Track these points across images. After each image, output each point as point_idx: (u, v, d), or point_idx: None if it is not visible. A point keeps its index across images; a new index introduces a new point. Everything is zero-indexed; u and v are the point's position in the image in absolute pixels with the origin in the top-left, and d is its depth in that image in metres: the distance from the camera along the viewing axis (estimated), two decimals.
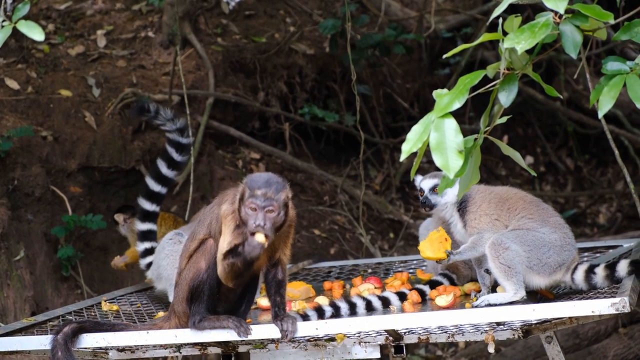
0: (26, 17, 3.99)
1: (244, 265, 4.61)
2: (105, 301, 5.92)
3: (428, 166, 10.42)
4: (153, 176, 6.37)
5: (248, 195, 4.56)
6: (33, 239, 7.93)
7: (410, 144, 3.50)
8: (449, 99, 3.51)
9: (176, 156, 6.34)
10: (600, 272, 4.97)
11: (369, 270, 6.50)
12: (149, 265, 6.30)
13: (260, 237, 4.53)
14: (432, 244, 5.12)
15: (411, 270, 6.24)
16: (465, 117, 10.71)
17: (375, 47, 9.65)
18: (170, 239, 5.96)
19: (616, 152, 5.48)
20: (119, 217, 6.82)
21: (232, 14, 10.29)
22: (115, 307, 5.84)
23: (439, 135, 3.47)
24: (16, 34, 4.04)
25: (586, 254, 6.01)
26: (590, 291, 4.97)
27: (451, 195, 5.22)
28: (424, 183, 5.27)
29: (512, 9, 4.04)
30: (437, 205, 5.24)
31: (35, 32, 3.92)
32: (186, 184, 8.44)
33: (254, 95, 9.82)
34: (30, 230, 7.95)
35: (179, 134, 6.33)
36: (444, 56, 3.78)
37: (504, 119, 3.71)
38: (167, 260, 5.85)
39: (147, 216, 6.39)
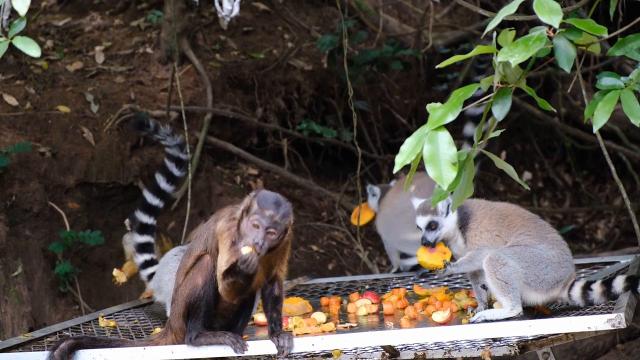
0: (24, 33, 3.99)
1: (246, 280, 4.61)
2: (102, 317, 5.92)
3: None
4: (151, 190, 6.45)
5: (255, 211, 4.56)
6: (31, 255, 7.92)
7: (403, 156, 3.51)
8: (442, 111, 3.52)
9: (175, 171, 6.43)
10: (596, 288, 4.97)
11: (367, 287, 6.49)
12: (151, 276, 6.34)
13: (245, 250, 4.53)
14: (430, 251, 5.12)
15: (408, 286, 6.24)
16: (463, 133, 10.69)
17: (373, 63, 9.65)
18: (175, 255, 5.99)
19: (612, 168, 5.48)
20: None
21: (230, 30, 10.30)
22: (112, 323, 5.84)
23: (432, 148, 3.48)
24: (14, 50, 4.04)
25: (583, 270, 6.02)
26: (587, 307, 4.97)
27: (450, 222, 5.19)
28: (420, 221, 5.24)
29: (509, 24, 4.05)
30: (438, 240, 5.21)
31: (31, 48, 3.92)
32: (184, 200, 8.42)
33: (252, 111, 9.82)
34: (28, 246, 7.94)
35: (178, 150, 6.41)
36: (437, 66, 3.79)
37: (497, 133, 3.71)
38: (169, 276, 5.85)
39: (145, 228, 6.46)
